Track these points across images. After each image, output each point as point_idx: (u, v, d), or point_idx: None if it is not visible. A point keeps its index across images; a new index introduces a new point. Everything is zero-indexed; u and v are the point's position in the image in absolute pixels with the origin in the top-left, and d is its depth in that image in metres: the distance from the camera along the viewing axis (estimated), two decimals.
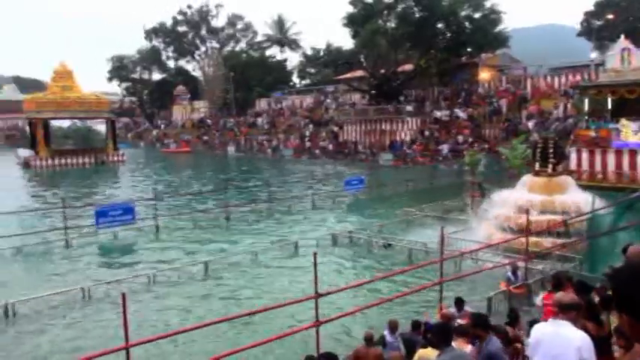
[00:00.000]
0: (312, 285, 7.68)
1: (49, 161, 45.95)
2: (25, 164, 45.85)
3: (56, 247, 17.54)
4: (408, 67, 46.74)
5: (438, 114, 43.65)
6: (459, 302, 9.36)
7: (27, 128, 50.82)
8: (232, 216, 22.05)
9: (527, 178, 16.08)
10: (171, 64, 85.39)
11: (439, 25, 45.66)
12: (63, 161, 46.58)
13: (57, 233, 18.45)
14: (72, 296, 12.45)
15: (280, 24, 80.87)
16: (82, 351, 9.48)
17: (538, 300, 8.95)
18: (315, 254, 7.93)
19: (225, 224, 21.13)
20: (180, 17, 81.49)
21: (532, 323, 6.22)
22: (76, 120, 49.12)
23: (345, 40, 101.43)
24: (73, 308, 12.00)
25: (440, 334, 4.91)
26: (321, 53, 75.89)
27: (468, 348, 5.53)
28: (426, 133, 42.27)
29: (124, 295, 6.36)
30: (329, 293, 8.19)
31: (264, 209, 23.60)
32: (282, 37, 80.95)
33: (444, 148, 38.95)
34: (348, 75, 57.62)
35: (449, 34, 45.59)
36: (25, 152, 47.93)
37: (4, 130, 79.32)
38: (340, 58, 67.21)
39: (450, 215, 19.85)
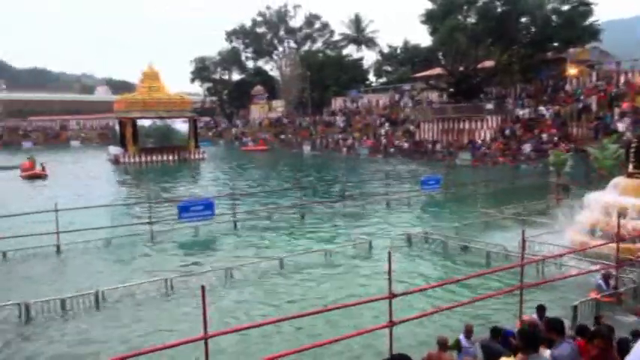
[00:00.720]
0: (386, 285, 7.58)
1: (136, 158, 48.68)
2: (115, 160, 48.85)
3: (142, 239, 18.49)
4: (489, 63, 45.17)
5: (520, 112, 41.86)
6: (541, 309, 8.92)
7: (117, 127, 54.04)
8: (307, 214, 22.29)
9: (619, 180, 15.04)
10: (250, 64, 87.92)
11: (523, 20, 43.76)
12: (149, 158, 49.17)
13: (143, 226, 19.46)
14: (156, 286, 13.07)
15: (357, 23, 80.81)
16: (163, 339, 9.95)
17: None
18: (389, 254, 7.82)
19: (300, 222, 21.39)
20: (259, 19, 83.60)
21: (635, 335, 5.82)
22: (156, 119, 51.55)
23: (422, 38, 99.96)
24: (156, 298, 12.60)
25: (527, 340, 4.71)
26: (398, 51, 75.04)
27: (547, 353, 5.34)
28: (507, 131, 40.65)
29: (203, 288, 6.57)
30: (404, 294, 8.06)
31: (339, 208, 23.66)
32: (359, 36, 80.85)
33: (527, 147, 37.29)
34: (426, 73, 56.59)
35: (533, 29, 43.58)
36: (115, 149, 51.10)
37: (97, 129, 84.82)
38: (418, 56, 66.21)
39: (531, 218, 18.96)
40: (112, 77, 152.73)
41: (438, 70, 51.43)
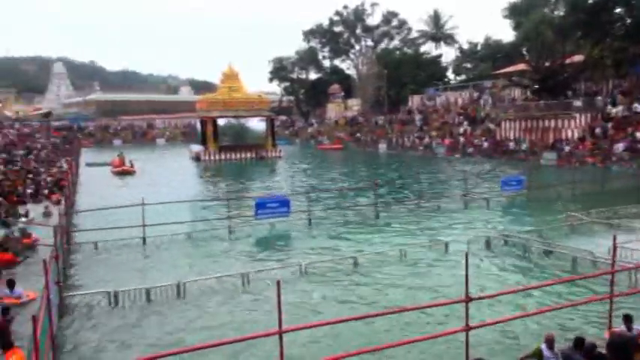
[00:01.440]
0: (463, 288, 7.34)
1: (216, 155, 50.47)
2: (197, 158, 50.91)
3: (220, 233, 19.13)
4: (578, 58, 42.65)
5: (612, 109, 39.20)
6: (628, 319, 8.30)
7: (198, 126, 56.30)
8: (382, 213, 22.12)
9: None
10: (326, 63, 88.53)
11: (617, 10, 40.91)
12: (227, 156, 50.82)
13: (221, 221, 20.12)
14: (233, 280, 13.47)
15: (436, 19, 79.20)
16: (239, 331, 10.22)
17: None
18: (466, 256, 7.56)
19: (375, 220, 21.26)
20: (336, 18, 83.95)
21: None
22: (230, 118, 53.01)
23: (505, 33, 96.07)
24: (233, 291, 12.98)
25: (619, 352, 4.36)
26: (479, 47, 72.71)
27: None
28: (597, 130, 38.22)
29: (278, 283, 6.66)
30: (480, 298, 7.79)
31: (414, 207, 23.28)
32: (438, 32, 79.19)
33: (619, 147, 34.87)
34: (508, 69, 54.40)
35: (629, 20, 40.63)
36: (196, 147, 53.28)
37: (181, 127, 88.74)
38: (499, 52, 63.83)
39: (623, 222, 17.68)
40: (195, 78, 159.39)
41: (521, 66, 49.25)
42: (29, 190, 24.88)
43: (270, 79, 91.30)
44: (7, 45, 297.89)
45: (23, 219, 18.39)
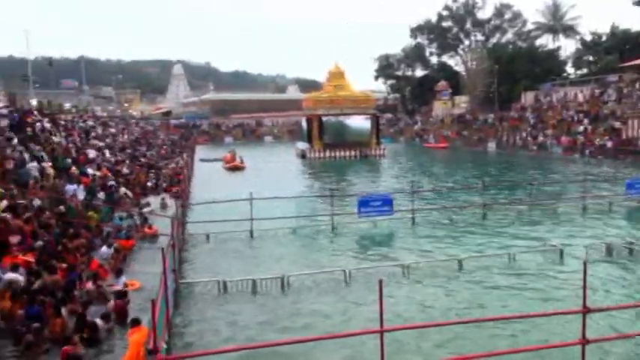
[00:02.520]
0: (578, 298, 6.78)
1: (321, 153, 51.24)
2: (302, 155, 52.05)
3: (324, 230, 19.40)
4: None
5: None
6: None
7: (304, 124, 57.52)
8: (490, 214, 21.17)
9: None
10: (433, 60, 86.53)
11: None
12: (332, 153, 51.37)
13: (325, 217, 20.38)
14: (335, 276, 13.59)
15: (555, 9, 74.29)
16: (340, 328, 10.28)
17: None
18: (584, 264, 6.98)
19: (481, 222, 20.41)
20: (445, 12, 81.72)
21: None
22: (331, 116, 53.24)
23: (634, 21, 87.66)
24: (335, 287, 13.09)
25: None
26: (604, 38, 66.94)
27: None
28: None
29: (380, 282, 6.60)
30: (600, 310, 7.17)
31: (526, 209, 22.01)
32: (556, 24, 74.26)
33: None
34: (638, 61, 49.62)
35: None
36: (302, 145, 54.44)
37: (287, 125, 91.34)
38: (628, 42, 58.41)
39: None
40: (302, 77, 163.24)
41: None
42: (150, 184, 26.87)
43: (376, 77, 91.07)
44: (133, 50, 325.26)
45: (145, 210, 19.88)
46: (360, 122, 53.26)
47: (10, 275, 9.81)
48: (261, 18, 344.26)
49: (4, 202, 13.22)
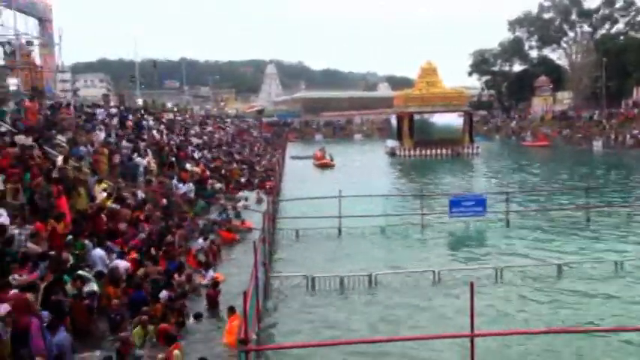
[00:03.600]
0: None
1: (411, 151, 50.42)
2: (392, 153, 51.52)
3: (413, 229, 19.06)
4: None
5: None
6: None
7: (393, 122, 56.90)
8: (595, 217, 19.73)
9: None
10: (533, 54, 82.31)
11: None
12: (422, 152, 50.36)
13: (415, 217, 20.01)
14: (424, 277, 13.31)
15: None
16: (426, 330, 10.05)
17: None
18: None
19: (584, 226, 19.08)
20: (547, 4, 77.40)
21: None
22: (420, 114, 51.94)
23: None
24: (424, 288, 12.83)
25: None
26: None
27: None
28: None
29: (472, 285, 6.36)
30: None
31: (638, 214, 20.26)
32: None
33: None
34: None
35: None
36: (392, 143, 53.90)
37: (377, 123, 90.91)
38: None
39: None
40: (393, 74, 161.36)
41: None
42: (243, 180, 27.87)
43: (470, 73, 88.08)
44: (230, 51, 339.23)
45: (240, 204, 20.67)
46: (450, 119, 51.66)
47: (118, 262, 10.58)
48: (352, 15, 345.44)
49: (108, 194, 14.31)
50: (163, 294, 9.82)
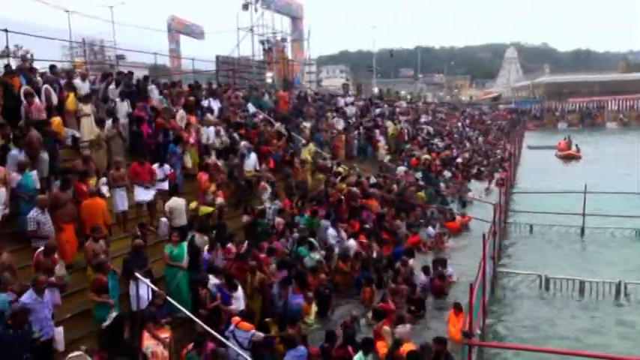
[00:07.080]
0: None
1: None
2: None
3: None
4: None
5: None
6: None
7: None
8: None
9: None
10: None
11: None
12: None
13: None
14: None
15: None
16: None
17: None
18: None
19: None
20: None
21: None
22: None
23: None
24: None
25: None
26: None
27: None
28: None
29: None
30: None
31: None
32: None
33: None
34: None
35: None
36: None
37: (637, 110, 78.81)
38: None
39: None
40: None
41: None
42: (474, 170, 26.99)
43: None
44: (467, 36, 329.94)
45: (470, 194, 20.24)
46: None
47: (351, 242, 11.49)
48: None
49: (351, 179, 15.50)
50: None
